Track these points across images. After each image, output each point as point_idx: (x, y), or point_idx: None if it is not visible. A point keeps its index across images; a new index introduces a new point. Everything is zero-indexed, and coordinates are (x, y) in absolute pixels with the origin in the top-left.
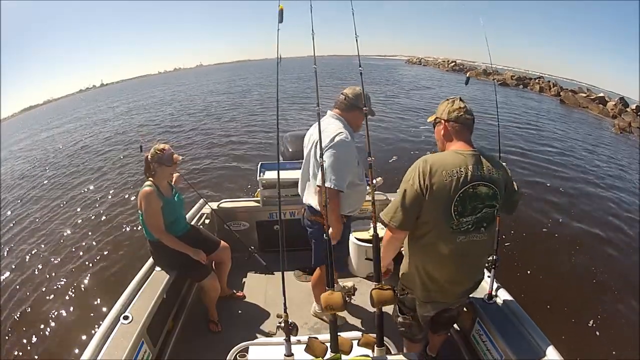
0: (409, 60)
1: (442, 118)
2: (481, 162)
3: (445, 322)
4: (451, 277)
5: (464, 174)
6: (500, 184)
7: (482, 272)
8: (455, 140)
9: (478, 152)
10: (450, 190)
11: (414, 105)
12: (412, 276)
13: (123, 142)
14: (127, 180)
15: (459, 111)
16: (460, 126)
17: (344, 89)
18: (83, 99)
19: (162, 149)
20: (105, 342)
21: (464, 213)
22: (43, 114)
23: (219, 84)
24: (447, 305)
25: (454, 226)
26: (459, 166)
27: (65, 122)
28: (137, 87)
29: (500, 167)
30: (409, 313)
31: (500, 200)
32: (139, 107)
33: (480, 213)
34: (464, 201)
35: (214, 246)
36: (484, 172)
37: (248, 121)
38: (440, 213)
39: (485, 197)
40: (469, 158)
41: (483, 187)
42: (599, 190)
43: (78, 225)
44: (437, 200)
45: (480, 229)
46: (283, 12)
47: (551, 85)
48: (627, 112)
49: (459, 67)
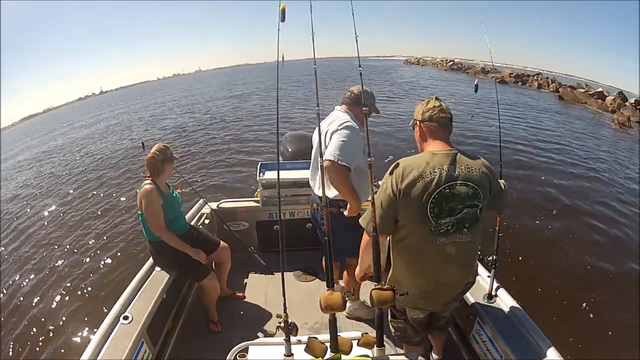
0: (407, 61)
1: (417, 119)
2: (458, 162)
3: (440, 327)
4: (435, 280)
5: (438, 175)
6: (482, 182)
7: (470, 275)
8: (431, 140)
9: (455, 151)
10: (423, 191)
11: (413, 105)
12: (397, 281)
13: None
14: (126, 181)
15: (433, 110)
16: (435, 125)
17: (350, 87)
18: (87, 106)
19: (166, 145)
20: (105, 342)
21: (442, 214)
22: (44, 122)
23: (220, 90)
24: (435, 311)
25: (432, 228)
26: (432, 167)
27: (68, 130)
28: (138, 94)
29: (482, 165)
30: (401, 317)
31: (483, 200)
32: (141, 114)
33: (461, 214)
34: (440, 202)
35: (214, 246)
36: (461, 172)
37: (248, 122)
38: (416, 215)
39: (465, 197)
40: (444, 158)
41: (462, 186)
42: (600, 187)
43: (78, 225)
44: (411, 202)
45: (463, 230)
46: (285, 11)
47: (550, 81)
48: (626, 106)
49: (457, 66)
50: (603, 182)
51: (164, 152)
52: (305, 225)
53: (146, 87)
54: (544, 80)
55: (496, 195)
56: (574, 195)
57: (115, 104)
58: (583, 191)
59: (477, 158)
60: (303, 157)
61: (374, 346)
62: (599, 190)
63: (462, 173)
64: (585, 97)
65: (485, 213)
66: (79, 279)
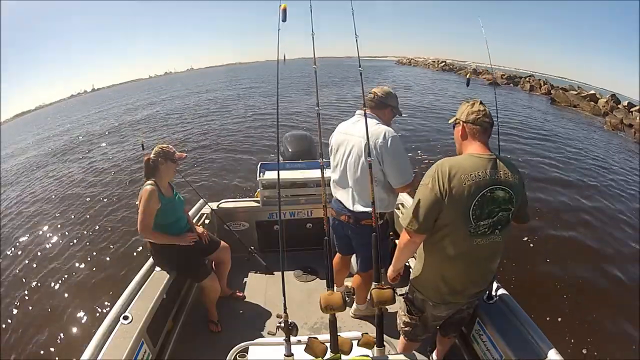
0: (399, 61)
1: (460, 119)
2: (498, 166)
3: (456, 323)
4: (466, 278)
5: (482, 178)
6: (517, 188)
7: (494, 273)
8: (472, 141)
9: (495, 156)
10: (469, 193)
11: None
12: (425, 278)
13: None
14: (125, 181)
15: (478, 114)
16: (477, 128)
17: (372, 88)
18: (84, 102)
19: (168, 147)
20: (105, 342)
21: (482, 216)
22: (36, 119)
23: (218, 89)
24: (459, 306)
25: (472, 229)
26: (477, 170)
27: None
28: (130, 91)
29: (516, 172)
30: (417, 314)
31: (515, 204)
32: (135, 109)
33: (497, 216)
34: (482, 205)
35: (214, 246)
36: (500, 176)
37: (247, 122)
38: (459, 216)
39: (502, 201)
40: (486, 162)
41: (500, 191)
42: (598, 188)
43: (78, 225)
44: (456, 203)
45: (495, 232)
46: (286, 11)
47: (541, 83)
48: (619, 109)
49: (449, 66)
50: (603, 182)
51: (159, 153)
52: (305, 225)
53: (138, 85)
54: (536, 82)
55: (523, 203)
56: (574, 195)
57: (116, 99)
58: (583, 191)
59: (512, 165)
60: (303, 157)
61: (374, 346)
62: (599, 189)
63: (502, 178)
64: (577, 99)
65: (513, 217)
66: (79, 279)
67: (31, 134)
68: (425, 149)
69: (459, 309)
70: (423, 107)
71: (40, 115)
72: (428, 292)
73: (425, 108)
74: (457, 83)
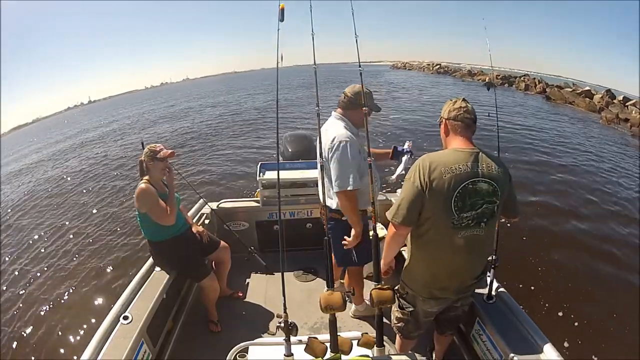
0: (394, 65)
1: (443, 117)
2: (480, 160)
3: (451, 320)
4: (452, 271)
5: (463, 171)
6: (501, 181)
7: (482, 267)
8: (455, 137)
9: (477, 150)
10: (449, 186)
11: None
12: (413, 272)
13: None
14: (124, 182)
15: (459, 110)
16: (459, 124)
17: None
18: (82, 113)
19: (155, 147)
20: (105, 342)
21: (464, 209)
22: (34, 132)
23: (217, 96)
24: (449, 301)
25: (455, 222)
26: (457, 163)
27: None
28: (127, 103)
29: (501, 165)
30: (408, 309)
31: (500, 197)
32: (140, 119)
33: (480, 209)
34: (464, 197)
35: (214, 246)
36: (483, 169)
37: (247, 122)
38: (441, 209)
39: (485, 194)
40: (468, 155)
41: (483, 183)
42: (597, 186)
43: (77, 225)
44: (437, 196)
45: (480, 224)
46: (284, 11)
47: (536, 82)
48: (614, 104)
49: (443, 69)
50: (599, 181)
51: (146, 153)
52: (305, 225)
53: (135, 96)
54: (531, 81)
55: (511, 197)
56: (574, 195)
57: (115, 110)
58: (583, 191)
59: (497, 158)
60: (303, 157)
61: (374, 346)
62: (599, 190)
63: (484, 171)
64: (572, 96)
65: (500, 210)
66: (79, 279)
67: (34, 146)
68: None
69: (452, 305)
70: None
71: (39, 128)
72: (417, 287)
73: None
74: (454, 85)
